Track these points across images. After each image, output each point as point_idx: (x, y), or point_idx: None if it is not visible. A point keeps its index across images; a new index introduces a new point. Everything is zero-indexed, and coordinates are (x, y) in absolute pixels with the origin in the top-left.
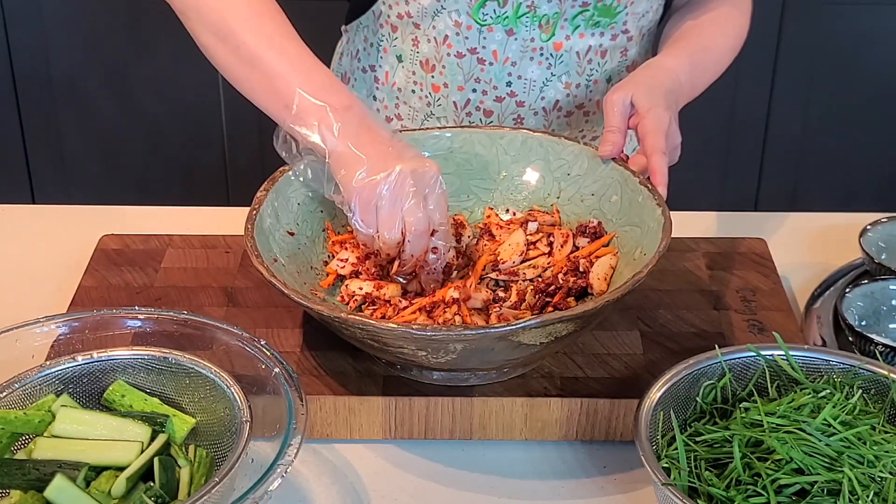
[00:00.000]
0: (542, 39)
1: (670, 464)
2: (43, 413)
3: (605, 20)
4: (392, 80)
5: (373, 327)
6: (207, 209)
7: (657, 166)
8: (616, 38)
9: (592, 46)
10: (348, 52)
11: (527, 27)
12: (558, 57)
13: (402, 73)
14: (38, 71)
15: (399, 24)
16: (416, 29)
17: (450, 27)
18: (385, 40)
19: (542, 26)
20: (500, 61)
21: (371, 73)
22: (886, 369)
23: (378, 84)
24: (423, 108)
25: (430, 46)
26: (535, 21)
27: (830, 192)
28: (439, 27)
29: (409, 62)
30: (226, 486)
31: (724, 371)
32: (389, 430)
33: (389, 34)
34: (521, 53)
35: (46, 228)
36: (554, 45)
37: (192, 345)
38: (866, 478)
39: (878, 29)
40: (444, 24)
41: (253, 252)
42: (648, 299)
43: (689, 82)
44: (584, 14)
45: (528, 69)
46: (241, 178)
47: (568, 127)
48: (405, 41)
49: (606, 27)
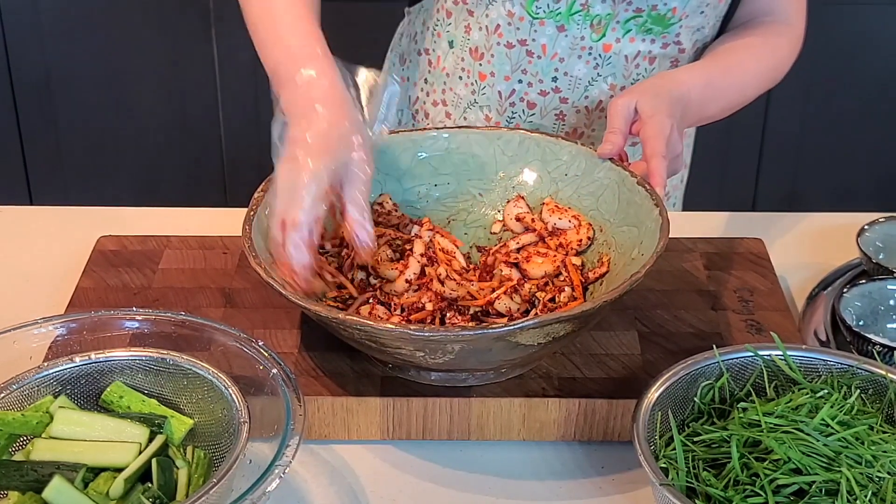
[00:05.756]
0: (592, 39)
1: (668, 464)
2: (41, 414)
3: (658, 28)
4: (442, 65)
5: (370, 328)
6: (205, 210)
7: (656, 169)
8: (667, 46)
9: (642, 52)
10: (408, 33)
11: (578, 25)
12: (606, 58)
13: (452, 58)
14: (35, 72)
15: (454, 9)
16: (470, 16)
17: (502, 17)
18: (440, 25)
19: (594, 26)
20: (549, 56)
21: (425, 57)
22: (884, 369)
23: (430, 67)
24: (467, 95)
25: (481, 34)
26: (588, 20)
27: (828, 193)
28: (492, 16)
29: (459, 48)
30: (224, 486)
31: (721, 371)
32: (387, 430)
33: (444, 19)
34: (570, 50)
35: (44, 229)
36: (603, 45)
37: (190, 346)
38: (864, 477)
39: (877, 29)
40: (498, 13)
41: (250, 253)
42: (646, 299)
43: (699, 98)
44: (636, 20)
45: (575, 66)
46: (238, 179)
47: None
48: (458, 27)
49: (658, 35)
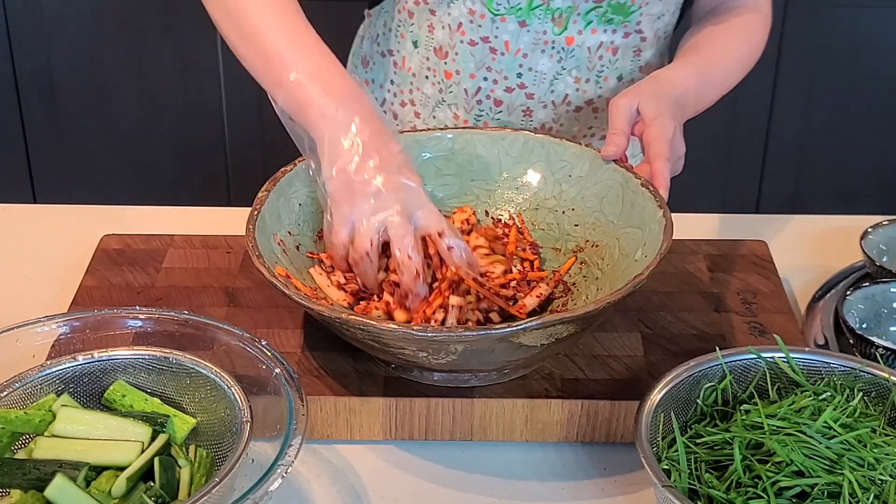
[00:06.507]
0: (554, 33)
1: (671, 466)
2: (43, 413)
3: (619, 18)
4: (408, 66)
5: (373, 328)
6: (209, 209)
7: (659, 170)
8: (629, 36)
9: (604, 43)
10: (370, 35)
11: (540, 20)
12: (570, 51)
13: (417, 58)
14: (39, 70)
15: (416, 9)
16: (432, 15)
17: (464, 15)
18: (402, 25)
19: (555, 19)
20: (512, 52)
21: (389, 58)
22: (887, 372)
23: (395, 69)
24: (434, 94)
25: (444, 33)
26: (549, 14)
27: (832, 195)
28: (454, 14)
29: (423, 48)
30: (226, 486)
31: (724, 373)
32: (390, 430)
33: (406, 20)
34: (533, 45)
35: (47, 228)
36: (566, 38)
37: (193, 345)
38: (867, 480)
39: (881, 31)
40: (459, 11)
41: (254, 252)
42: (649, 301)
43: (695, 96)
44: (597, 10)
45: (538, 61)
46: (242, 178)
47: (577, 122)
48: (421, 27)
49: (619, 25)
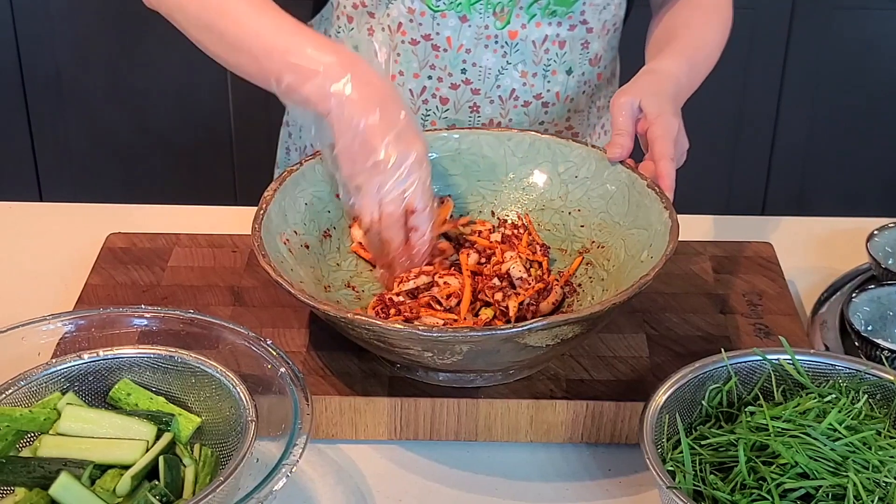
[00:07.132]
0: (496, 27)
1: (675, 467)
2: (48, 411)
3: (562, 9)
4: None
5: (379, 328)
6: (215, 208)
7: (665, 171)
8: (574, 28)
9: (549, 36)
10: None
11: (481, 14)
12: (514, 45)
13: None
14: (46, 69)
15: (354, 13)
16: (371, 18)
17: (403, 14)
18: (343, 31)
19: (497, 14)
20: (454, 48)
21: None
22: (892, 374)
23: None
24: None
25: (384, 35)
26: (490, 8)
27: (837, 197)
28: (393, 14)
29: (365, 52)
30: (230, 485)
31: (729, 375)
32: (395, 430)
33: (346, 25)
34: (476, 40)
35: (53, 226)
36: (509, 33)
37: (198, 344)
38: (871, 482)
39: (887, 34)
40: (398, 11)
41: (260, 252)
42: (655, 302)
43: (688, 83)
44: (539, 3)
45: (482, 56)
46: (248, 177)
47: (526, 117)
48: (361, 31)
49: (564, 17)
